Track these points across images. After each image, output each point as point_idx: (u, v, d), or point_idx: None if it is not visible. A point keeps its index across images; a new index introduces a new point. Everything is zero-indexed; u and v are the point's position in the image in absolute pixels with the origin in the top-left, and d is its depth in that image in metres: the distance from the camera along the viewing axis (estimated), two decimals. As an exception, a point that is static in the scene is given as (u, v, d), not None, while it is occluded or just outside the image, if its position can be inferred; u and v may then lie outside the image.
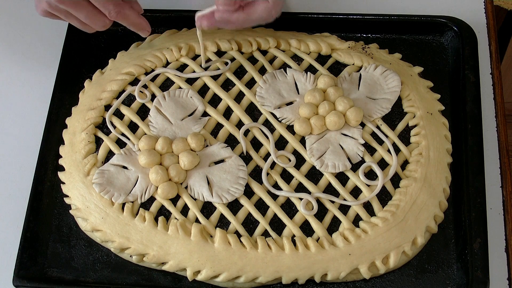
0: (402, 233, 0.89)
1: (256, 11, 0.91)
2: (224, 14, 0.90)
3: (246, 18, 0.91)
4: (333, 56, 1.04)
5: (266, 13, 0.91)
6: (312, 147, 0.95)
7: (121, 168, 0.94)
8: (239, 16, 0.91)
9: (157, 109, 0.99)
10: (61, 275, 0.92)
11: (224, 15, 0.91)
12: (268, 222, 0.91)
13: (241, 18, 0.91)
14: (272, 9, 0.91)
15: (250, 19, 0.92)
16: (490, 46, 1.07)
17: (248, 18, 0.92)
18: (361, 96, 0.99)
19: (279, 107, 0.99)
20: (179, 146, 0.94)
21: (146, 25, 0.98)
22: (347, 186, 0.93)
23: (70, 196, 0.95)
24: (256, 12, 0.91)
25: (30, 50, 1.13)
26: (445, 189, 0.93)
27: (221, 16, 0.91)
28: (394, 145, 0.95)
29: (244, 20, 0.92)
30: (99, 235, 0.91)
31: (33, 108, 1.07)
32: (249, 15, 0.91)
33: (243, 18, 0.91)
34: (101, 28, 0.95)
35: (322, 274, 0.88)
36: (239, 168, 0.93)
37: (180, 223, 0.90)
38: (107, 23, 0.94)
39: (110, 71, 1.03)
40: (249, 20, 0.92)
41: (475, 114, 0.97)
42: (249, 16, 0.91)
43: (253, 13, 0.91)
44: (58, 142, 0.99)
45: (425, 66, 1.03)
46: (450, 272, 0.90)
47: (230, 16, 0.91)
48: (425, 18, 1.06)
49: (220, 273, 0.88)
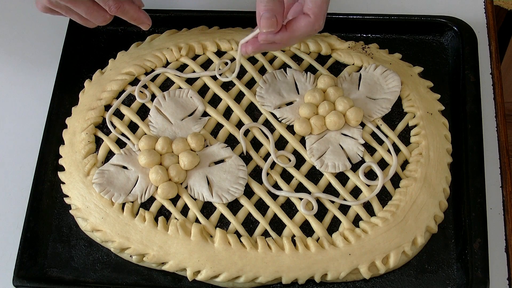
0: (402, 233, 0.89)
1: (299, 28, 0.88)
2: (268, 36, 0.88)
3: (290, 36, 0.88)
4: (333, 56, 1.04)
5: (310, 28, 0.88)
6: (312, 147, 0.95)
7: (121, 168, 0.94)
8: (283, 35, 0.88)
9: (157, 109, 0.99)
10: (61, 275, 0.92)
11: (268, 37, 0.88)
12: (268, 222, 0.91)
13: (285, 37, 0.88)
14: (315, 23, 0.87)
15: (294, 36, 0.89)
16: (490, 46, 1.07)
17: (292, 36, 0.88)
18: (361, 96, 0.99)
19: (279, 107, 0.99)
20: (179, 146, 0.94)
21: (146, 18, 0.96)
22: (347, 186, 0.93)
23: (70, 196, 0.95)
24: (299, 29, 0.88)
25: (30, 50, 1.13)
26: (445, 189, 0.93)
27: (265, 39, 0.88)
28: (394, 145, 0.95)
29: (289, 39, 0.89)
30: (99, 235, 0.91)
31: (33, 108, 1.07)
32: (293, 33, 0.88)
33: (287, 37, 0.88)
34: (102, 23, 0.95)
35: (322, 274, 0.88)
36: (239, 168, 0.93)
37: (180, 223, 0.90)
38: (107, 18, 0.94)
39: (110, 71, 1.03)
40: (293, 38, 0.89)
41: (475, 114, 0.97)
42: (293, 34, 0.88)
43: (296, 30, 0.88)
44: (58, 142, 0.99)
45: (425, 66, 1.03)
46: (450, 272, 0.90)
47: (274, 37, 0.88)
48: (425, 18, 1.06)
49: (220, 273, 0.88)
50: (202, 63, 1.03)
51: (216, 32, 1.06)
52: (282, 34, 0.88)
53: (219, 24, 1.08)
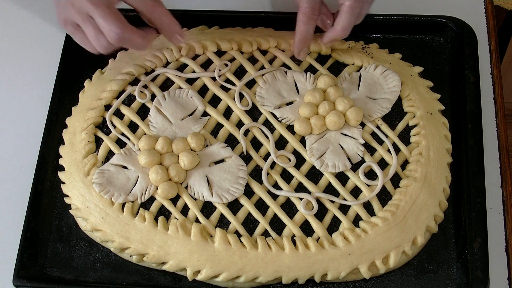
0: (402, 233, 0.89)
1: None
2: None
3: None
4: (333, 56, 1.04)
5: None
6: (312, 147, 0.95)
7: (121, 168, 0.94)
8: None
9: (157, 109, 0.99)
10: (61, 275, 0.92)
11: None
12: (268, 222, 0.91)
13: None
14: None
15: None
16: (490, 46, 1.07)
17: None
18: (361, 96, 0.99)
19: (279, 107, 0.99)
20: (179, 146, 0.94)
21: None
22: (347, 186, 0.93)
23: (70, 196, 0.95)
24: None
25: (30, 50, 1.13)
26: (445, 189, 0.93)
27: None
28: (394, 145, 0.95)
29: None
30: (99, 235, 0.91)
31: (33, 108, 1.07)
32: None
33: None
34: (101, 50, 0.91)
35: (322, 274, 0.88)
36: (239, 168, 0.93)
37: (180, 223, 0.90)
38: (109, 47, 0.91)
39: (110, 71, 1.03)
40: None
41: (475, 114, 0.97)
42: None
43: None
44: (58, 142, 0.99)
45: (425, 66, 1.03)
46: (450, 272, 0.90)
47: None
48: (425, 18, 1.06)
49: (220, 273, 0.88)
50: (202, 63, 1.03)
51: (216, 32, 1.06)
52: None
53: (219, 24, 1.08)
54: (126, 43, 0.89)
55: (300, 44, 0.98)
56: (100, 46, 0.90)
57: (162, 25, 0.93)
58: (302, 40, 0.98)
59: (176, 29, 0.94)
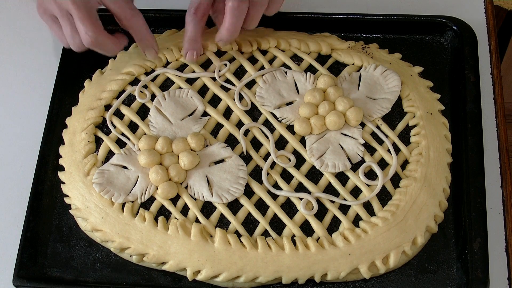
0: (402, 233, 0.89)
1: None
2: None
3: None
4: (333, 56, 1.04)
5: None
6: (312, 147, 0.95)
7: (121, 168, 0.94)
8: None
9: (157, 109, 0.99)
10: (61, 275, 0.92)
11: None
12: (268, 222, 0.91)
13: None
14: None
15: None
16: (490, 46, 1.07)
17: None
18: (361, 96, 0.99)
19: (279, 107, 0.99)
20: (179, 146, 0.94)
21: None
22: (347, 186, 0.93)
23: (70, 196, 0.95)
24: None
25: (30, 50, 1.13)
26: (445, 189, 0.93)
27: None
28: (394, 145, 0.95)
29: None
30: (99, 235, 0.91)
31: (33, 108, 1.07)
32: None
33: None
34: (77, 49, 0.96)
35: (322, 274, 0.88)
36: (239, 168, 0.93)
37: (180, 223, 0.90)
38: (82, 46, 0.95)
39: (110, 71, 1.03)
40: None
41: (475, 114, 0.97)
42: None
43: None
44: (58, 142, 0.99)
45: (425, 66, 1.03)
46: (450, 272, 0.90)
47: None
48: (425, 18, 1.06)
49: (220, 273, 0.88)
50: (202, 63, 1.03)
51: (215, 32, 1.05)
52: None
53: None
54: (98, 47, 0.94)
55: (187, 44, 0.99)
56: (73, 45, 0.95)
57: (139, 36, 0.97)
58: (188, 40, 0.98)
59: (152, 42, 0.99)
